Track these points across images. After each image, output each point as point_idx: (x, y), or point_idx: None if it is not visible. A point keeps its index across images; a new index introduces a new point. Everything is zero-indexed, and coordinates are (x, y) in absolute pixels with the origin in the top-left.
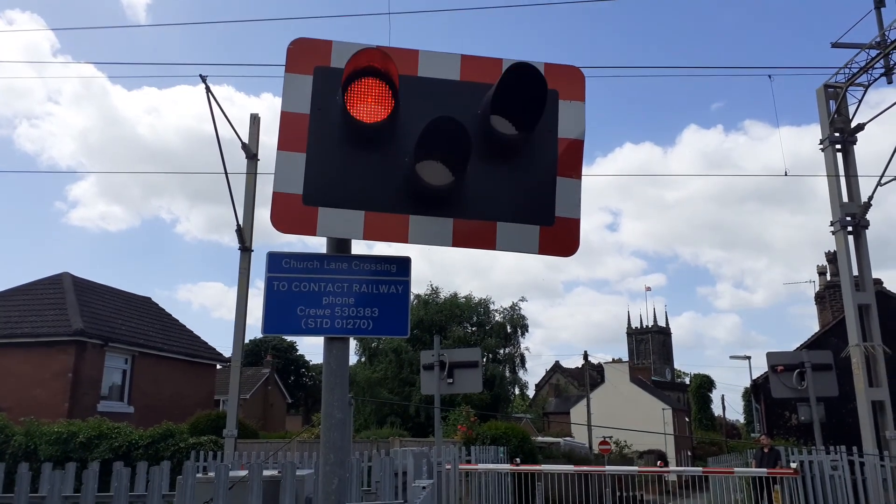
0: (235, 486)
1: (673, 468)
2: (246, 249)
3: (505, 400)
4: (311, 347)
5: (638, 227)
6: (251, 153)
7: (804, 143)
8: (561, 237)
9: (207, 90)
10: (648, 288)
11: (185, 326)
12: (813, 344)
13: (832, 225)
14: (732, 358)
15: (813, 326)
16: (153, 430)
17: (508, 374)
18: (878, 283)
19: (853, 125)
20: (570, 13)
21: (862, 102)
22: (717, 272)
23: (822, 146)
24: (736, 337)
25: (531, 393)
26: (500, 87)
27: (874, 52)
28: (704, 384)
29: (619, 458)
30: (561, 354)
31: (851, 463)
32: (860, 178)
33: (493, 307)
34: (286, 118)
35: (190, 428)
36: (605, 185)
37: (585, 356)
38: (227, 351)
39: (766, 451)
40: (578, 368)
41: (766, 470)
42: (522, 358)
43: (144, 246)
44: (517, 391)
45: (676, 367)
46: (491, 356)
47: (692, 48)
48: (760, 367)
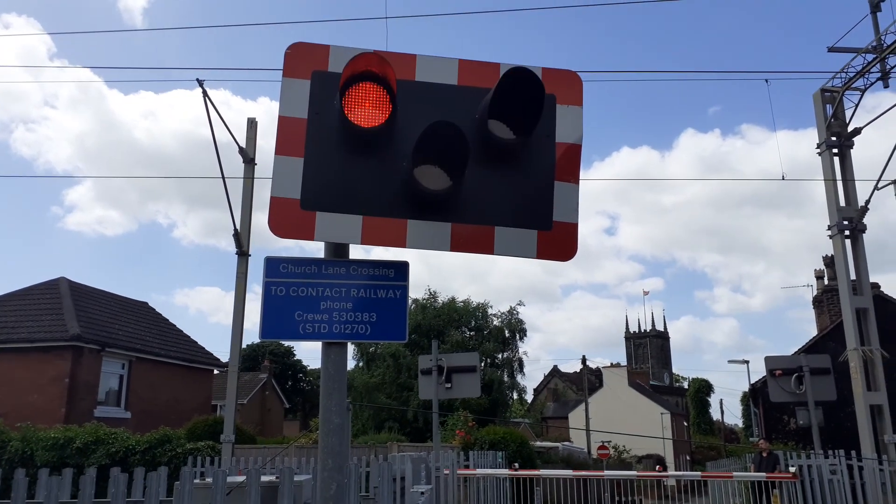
0: (233, 491)
1: (672, 473)
2: (243, 254)
3: (503, 405)
4: (308, 352)
5: (636, 231)
6: (248, 157)
7: (801, 147)
8: (559, 241)
9: (204, 94)
10: (646, 292)
11: (182, 331)
12: (811, 348)
13: (829, 229)
14: (731, 362)
15: (811, 330)
16: (150, 435)
17: (507, 378)
18: (875, 286)
19: (850, 129)
20: (567, 18)
21: (859, 106)
22: (714, 276)
23: (819, 150)
24: (734, 341)
25: (529, 397)
26: (497, 91)
27: (871, 56)
28: (703, 388)
29: (617, 462)
30: (559, 359)
31: (850, 467)
32: (857, 182)
33: (491, 312)
34: (284, 122)
35: (187, 433)
36: (602, 189)
37: (584, 360)
38: (224, 356)
39: (764, 455)
40: (577, 373)
41: (764, 474)
42: (521, 362)
43: (141, 251)
44: (515, 396)
45: (675, 371)
46: (489, 361)
47: (689, 52)
48: (759, 371)
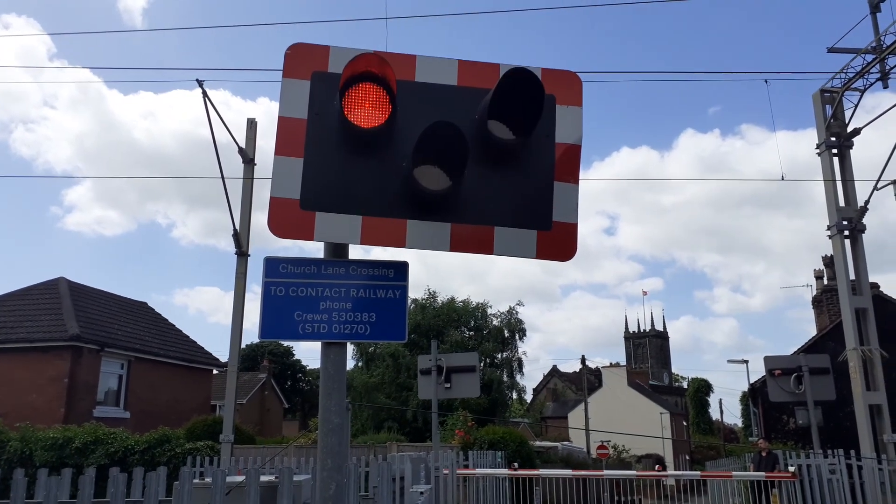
0: (232, 491)
1: (671, 472)
2: (243, 254)
3: (503, 404)
4: (307, 352)
5: (635, 231)
6: (248, 158)
7: (801, 147)
8: (558, 242)
9: (204, 94)
10: (646, 292)
11: (181, 331)
12: (810, 348)
13: (829, 229)
14: (730, 362)
15: (810, 330)
16: (149, 435)
17: (506, 378)
18: (874, 286)
19: (849, 130)
20: (567, 18)
21: (858, 107)
22: (714, 276)
23: (818, 150)
24: (733, 341)
25: (529, 397)
26: (497, 92)
27: (870, 56)
28: (702, 388)
29: (617, 462)
30: (558, 359)
31: (849, 466)
32: (857, 182)
33: (490, 311)
34: (283, 123)
35: (186, 433)
36: (602, 189)
37: (583, 360)
38: (223, 356)
39: (764, 454)
40: (576, 373)
41: (764, 474)
42: (520, 362)
43: (141, 251)
44: (515, 396)
45: (674, 371)
46: (488, 361)
47: (689, 53)
48: (758, 370)
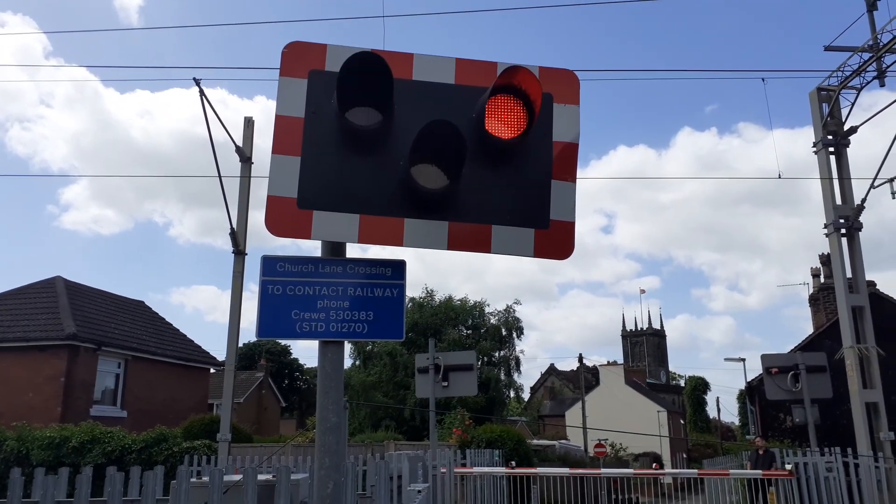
0: (230, 490)
1: (668, 470)
2: (240, 253)
3: (500, 403)
4: (305, 351)
5: (632, 229)
6: (245, 156)
7: (798, 145)
8: (556, 240)
9: (201, 93)
10: (643, 290)
11: (178, 330)
12: (807, 346)
13: (826, 227)
14: (727, 360)
15: (807, 328)
16: (146, 434)
17: (503, 376)
18: (871, 285)
19: (846, 128)
20: (564, 17)
21: (855, 105)
22: (711, 274)
23: (815, 149)
24: (730, 339)
25: (526, 396)
26: (494, 91)
27: (867, 55)
28: (699, 386)
29: (614, 460)
30: (556, 357)
31: (846, 464)
32: (853, 180)
33: (487, 310)
34: (281, 122)
35: (183, 432)
36: (599, 187)
37: (580, 359)
38: (220, 355)
39: (760, 452)
40: (573, 371)
41: (761, 472)
42: (517, 361)
43: (138, 249)
44: (512, 394)
45: (671, 369)
46: (486, 359)
47: (686, 51)
48: (755, 369)
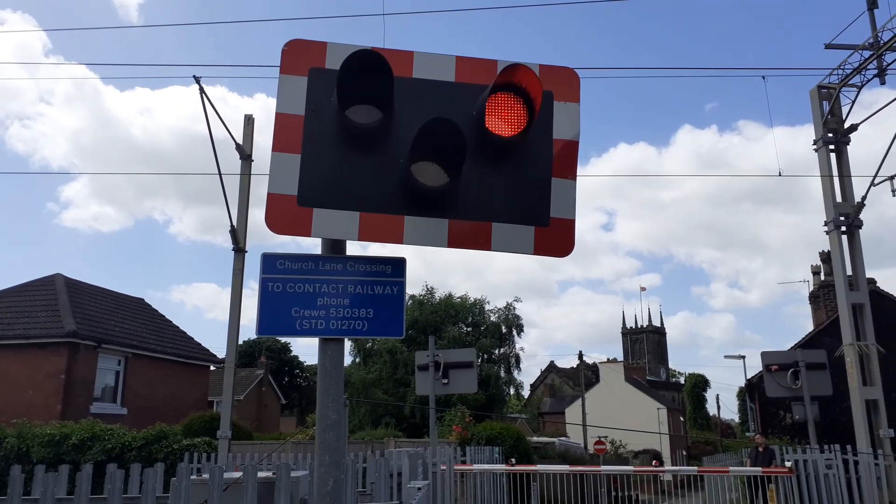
0: (230, 487)
1: (668, 468)
2: (240, 250)
3: (500, 400)
4: (305, 348)
5: (633, 227)
6: (245, 154)
7: (798, 143)
8: (556, 238)
9: (201, 91)
10: (643, 288)
11: (178, 328)
12: (807, 343)
13: (826, 225)
14: (727, 357)
15: (807, 326)
16: (146, 431)
17: (503, 374)
18: (871, 282)
19: (846, 126)
20: (565, 15)
21: (855, 103)
22: (711, 272)
23: (815, 147)
24: (730, 336)
25: (526, 393)
26: (494, 89)
27: (867, 52)
28: (699, 384)
29: (614, 457)
30: (556, 354)
31: (846, 461)
32: (854, 178)
33: (488, 307)
34: (281, 119)
35: (184, 429)
36: (599, 185)
37: (580, 356)
38: (220, 352)
39: (760, 450)
40: (573, 368)
41: (760, 469)
42: (517, 358)
43: (138, 247)
44: (512, 391)
45: (671, 366)
46: (486, 356)
47: (686, 49)
48: (755, 366)
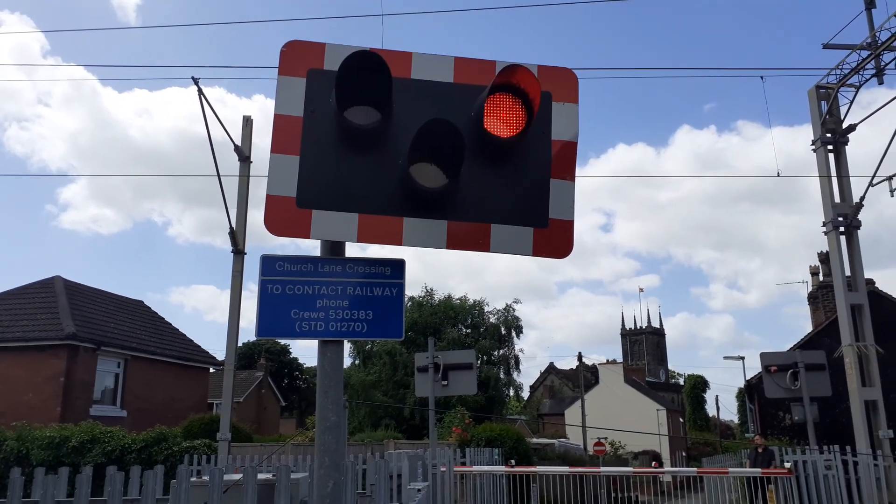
0: (230, 489)
1: (668, 469)
2: (239, 252)
3: (499, 402)
4: (304, 350)
5: (631, 227)
6: (244, 155)
7: (797, 143)
8: (555, 239)
9: (200, 92)
10: (642, 289)
11: (177, 330)
12: (806, 344)
13: (824, 225)
14: (726, 358)
15: (806, 326)
16: (146, 434)
17: (503, 375)
18: (870, 283)
19: (845, 126)
20: (563, 15)
21: (853, 103)
22: (710, 273)
23: (814, 147)
24: (729, 337)
25: (526, 394)
26: (493, 90)
27: (865, 52)
28: (698, 385)
29: (613, 458)
30: (555, 356)
31: (845, 462)
32: (852, 178)
33: (487, 309)
34: (279, 121)
35: (183, 432)
36: (598, 186)
37: (580, 357)
38: (220, 354)
39: (760, 451)
40: (573, 370)
41: (760, 470)
42: (517, 359)
43: (137, 249)
44: (512, 393)
45: (670, 367)
46: (485, 358)
47: (685, 49)
48: (754, 367)
